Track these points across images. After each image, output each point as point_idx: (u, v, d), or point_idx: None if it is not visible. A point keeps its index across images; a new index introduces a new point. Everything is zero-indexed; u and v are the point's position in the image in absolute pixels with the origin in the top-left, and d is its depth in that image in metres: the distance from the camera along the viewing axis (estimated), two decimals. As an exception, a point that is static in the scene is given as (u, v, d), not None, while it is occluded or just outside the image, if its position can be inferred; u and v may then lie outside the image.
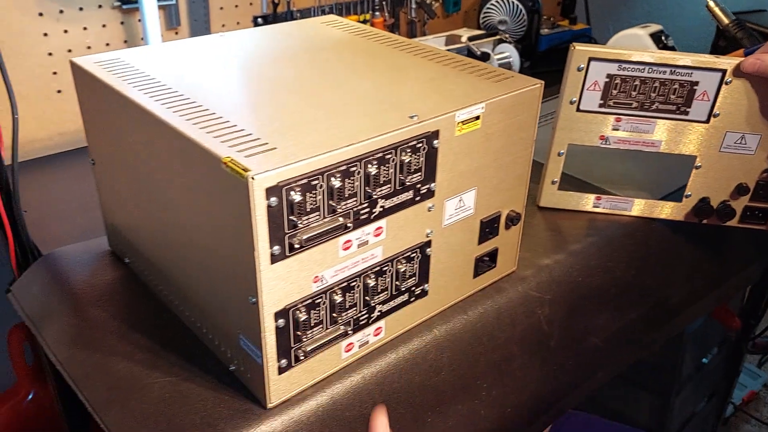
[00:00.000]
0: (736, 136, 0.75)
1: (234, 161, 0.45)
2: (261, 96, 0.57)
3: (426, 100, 0.56)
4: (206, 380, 0.57)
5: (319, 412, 0.56)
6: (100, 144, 0.65)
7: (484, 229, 0.64)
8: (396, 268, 0.57)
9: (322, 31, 0.75)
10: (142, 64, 0.62)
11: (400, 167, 0.53)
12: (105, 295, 0.67)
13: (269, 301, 0.49)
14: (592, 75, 0.74)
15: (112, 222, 0.69)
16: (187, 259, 0.56)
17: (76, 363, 0.59)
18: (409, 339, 0.62)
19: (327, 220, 0.50)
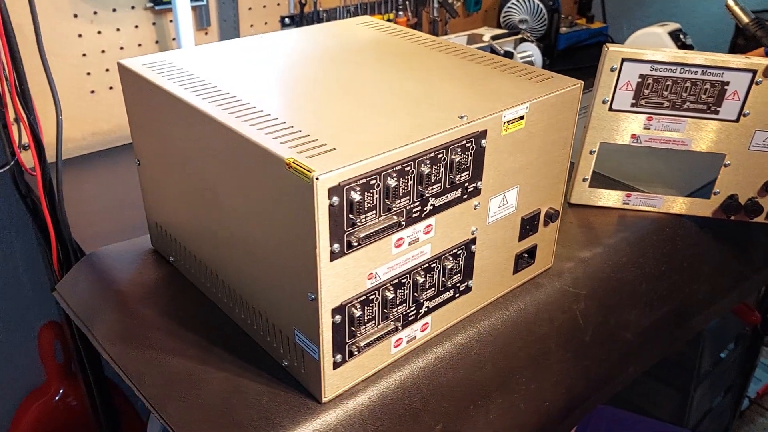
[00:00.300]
0: (765, 135, 0.76)
1: (297, 162, 0.46)
2: (310, 97, 0.58)
3: (472, 101, 0.58)
4: (260, 375, 0.58)
5: (371, 406, 0.57)
6: (147, 145, 0.66)
7: (525, 226, 0.65)
8: (443, 264, 0.59)
9: (359, 32, 0.77)
10: (190, 66, 0.63)
11: (449, 166, 0.54)
12: (151, 293, 0.68)
13: (327, 297, 0.50)
14: (624, 75, 0.75)
15: (157, 221, 0.71)
16: (242, 258, 0.57)
17: (130, 359, 0.60)
18: (453, 334, 0.64)
19: (382, 219, 0.51)
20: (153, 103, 0.61)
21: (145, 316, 0.65)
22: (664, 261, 0.82)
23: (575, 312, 0.73)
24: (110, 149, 0.99)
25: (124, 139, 1.00)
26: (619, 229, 0.82)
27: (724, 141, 0.78)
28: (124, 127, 1.00)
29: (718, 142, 0.78)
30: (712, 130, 0.77)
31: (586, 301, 0.74)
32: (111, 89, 0.96)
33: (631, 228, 0.82)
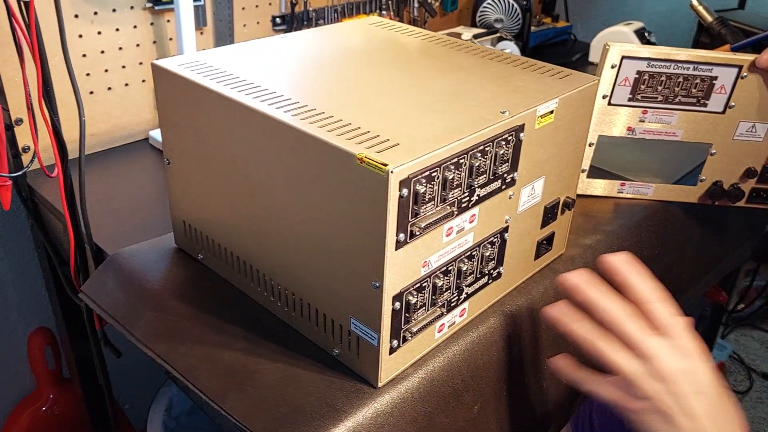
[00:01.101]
0: (748, 125, 0.83)
1: (369, 157, 0.49)
2: (358, 95, 0.60)
3: (507, 97, 0.61)
4: (311, 364, 0.60)
5: (420, 389, 0.60)
6: (181, 145, 0.66)
7: (547, 214, 0.69)
8: (481, 252, 0.62)
9: (375, 32, 0.79)
10: (227, 66, 0.64)
11: (494, 158, 0.57)
12: (185, 290, 0.69)
13: (389, 285, 0.53)
14: (623, 71, 0.81)
15: (185, 220, 0.71)
16: (295, 252, 0.59)
17: (179, 355, 0.61)
18: (486, 318, 0.67)
19: (439, 209, 0.54)
20: (195, 103, 0.62)
21: (184, 312, 0.66)
22: (658, 245, 0.88)
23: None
24: (108, 150, 0.98)
25: (122, 140, 0.99)
26: (617, 216, 0.87)
27: (711, 131, 0.84)
28: (122, 128, 0.99)
29: (705, 132, 0.84)
30: (700, 122, 0.84)
31: (596, 284, 0.78)
32: (109, 90, 0.95)
33: (627, 215, 0.88)
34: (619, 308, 0.56)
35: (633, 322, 0.55)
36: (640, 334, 0.54)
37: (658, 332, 0.55)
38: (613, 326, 0.55)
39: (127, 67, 0.96)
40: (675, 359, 0.53)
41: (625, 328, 0.55)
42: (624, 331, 0.55)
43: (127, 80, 0.97)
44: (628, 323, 0.55)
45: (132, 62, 0.96)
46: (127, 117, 0.98)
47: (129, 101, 0.98)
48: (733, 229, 1.05)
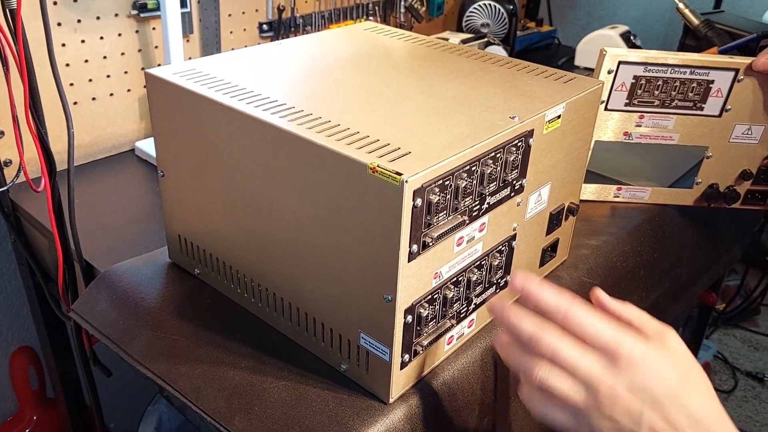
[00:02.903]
0: (743, 128, 0.83)
1: (382, 167, 0.47)
2: (364, 103, 0.59)
3: (515, 102, 0.60)
4: (319, 381, 0.58)
5: (432, 403, 0.58)
6: (177, 156, 0.64)
7: (552, 221, 0.68)
8: (490, 261, 0.61)
9: (372, 37, 0.77)
10: (223, 74, 0.62)
11: (504, 165, 0.56)
12: (183, 307, 0.66)
13: (402, 298, 0.51)
14: (620, 77, 0.80)
15: (181, 234, 0.69)
16: (301, 265, 0.57)
17: (180, 375, 0.58)
18: (494, 328, 0.66)
19: (450, 218, 0.53)
20: (193, 113, 0.59)
21: (183, 330, 0.63)
22: (656, 248, 0.88)
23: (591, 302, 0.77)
24: (93, 162, 0.95)
25: (106, 152, 0.96)
26: (615, 220, 0.87)
27: (707, 135, 0.84)
28: (106, 139, 0.96)
29: (701, 135, 0.84)
30: (696, 125, 0.83)
31: (598, 290, 0.78)
32: (94, 100, 0.92)
33: (625, 219, 0.87)
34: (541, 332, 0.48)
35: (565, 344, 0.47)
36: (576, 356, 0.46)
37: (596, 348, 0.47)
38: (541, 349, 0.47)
39: (111, 77, 0.93)
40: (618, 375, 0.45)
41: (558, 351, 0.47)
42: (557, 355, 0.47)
43: (112, 90, 0.94)
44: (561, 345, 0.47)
45: (117, 71, 0.93)
46: (112, 128, 0.95)
47: (114, 111, 0.95)
48: (726, 231, 1.05)
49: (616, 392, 0.45)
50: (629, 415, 0.44)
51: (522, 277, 0.51)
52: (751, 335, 2.08)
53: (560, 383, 0.46)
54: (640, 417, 0.44)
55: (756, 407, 1.81)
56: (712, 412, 0.45)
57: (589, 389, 0.45)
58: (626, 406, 0.44)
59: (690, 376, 0.46)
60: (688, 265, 0.96)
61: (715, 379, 1.90)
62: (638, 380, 0.45)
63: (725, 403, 1.82)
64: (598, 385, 0.45)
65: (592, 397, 0.45)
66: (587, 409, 0.45)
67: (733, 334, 2.09)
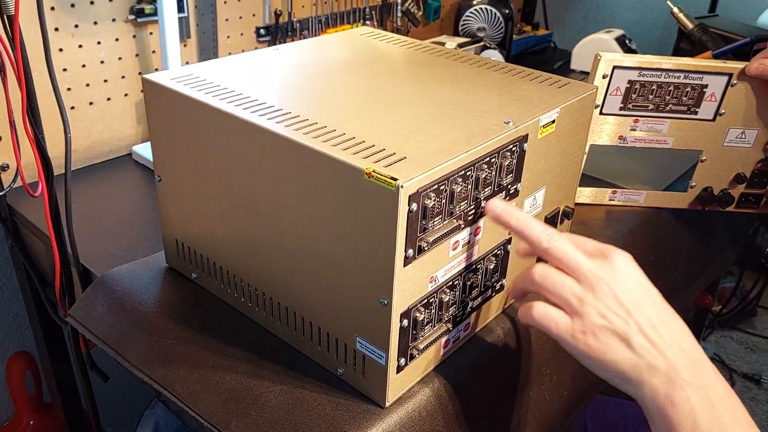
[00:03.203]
0: (737, 132, 0.84)
1: (377, 172, 0.47)
2: (355, 106, 0.59)
3: (510, 107, 0.60)
4: (316, 386, 0.58)
5: (428, 407, 0.58)
6: (174, 161, 0.64)
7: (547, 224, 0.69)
8: (486, 265, 0.61)
9: (369, 42, 0.78)
10: (220, 80, 0.63)
11: (499, 169, 0.57)
12: (180, 311, 0.67)
13: (398, 302, 0.51)
14: (615, 81, 0.81)
15: (178, 238, 0.69)
16: (298, 269, 0.57)
17: (178, 380, 0.59)
18: (490, 331, 0.66)
19: (446, 223, 0.53)
20: (190, 119, 0.60)
21: (180, 335, 0.64)
22: (651, 251, 0.88)
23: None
24: (90, 167, 0.95)
25: (103, 156, 0.96)
26: (610, 223, 0.87)
27: (702, 139, 0.85)
28: (103, 144, 0.96)
29: (696, 139, 0.85)
30: (691, 129, 0.84)
31: (594, 293, 0.78)
32: (91, 104, 0.92)
33: (620, 222, 0.88)
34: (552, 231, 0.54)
35: (568, 245, 0.53)
36: (578, 254, 0.52)
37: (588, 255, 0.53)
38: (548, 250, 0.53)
39: (109, 81, 0.93)
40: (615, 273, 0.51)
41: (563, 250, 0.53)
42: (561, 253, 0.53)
43: (109, 94, 0.94)
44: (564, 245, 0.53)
45: (114, 76, 0.93)
46: (109, 132, 0.96)
47: (111, 116, 0.95)
48: (720, 234, 1.06)
49: (611, 288, 0.50)
50: (620, 309, 0.50)
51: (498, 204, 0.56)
52: (748, 337, 2.09)
53: (564, 278, 0.52)
54: (628, 312, 0.50)
55: (752, 409, 1.81)
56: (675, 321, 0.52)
57: (587, 285, 0.51)
58: (617, 298, 0.50)
59: None
60: (683, 268, 0.97)
61: (712, 381, 1.90)
62: (626, 280, 0.51)
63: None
64: (597, 281, 0.51)
65: (589, 292, 0.51)
66: (583, 306, 0.51)
67: (730, 336, 2.10)
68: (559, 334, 0.52)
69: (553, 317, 0.53)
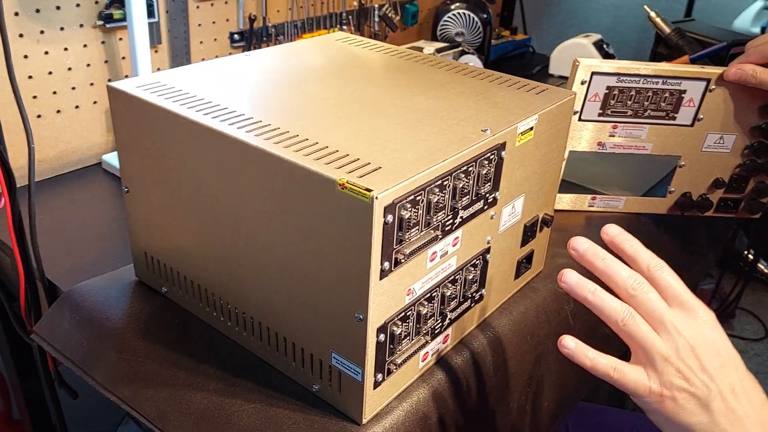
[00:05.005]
0: (715, 137, 0.84)
1: (351, 182, 0.46)
2: (329, 114, 0.57)
3: (486, 114, 0.59)
4: (290, 403, 0.56)
5: (407, 422, 0.57)
6: (142, 172, 0.62)
7: (526, 232, 0.68)
8: (465, 275, 0.60)
9: (344, 48, 0.76)
10: (189, 87, 0.61)
11: (477, 178, 0.55)
12: (149, 327, 0.64)
13: (373, 316, 0.50)
14: (593, 87, 0.80)
15: (147, 251, 0.67)
16: (270, 283, 0.55)
17: (146, 400, 0.56)
18: (469, 342, 0.65)
19: (423, 234, 0.51)
20: (157, 128, 0.58)
21: (150, 352, 0.61)
22: (631, 258, 0.88)
23: (567, 312, 0.76)
24: (58, 177, 0.92)
25: (72, 166, 0.93)
26: (590, 230, 0.86)
27: (680, 144, 0.84)
28: (71, 153, 0.93)
29: (674, 145, 0.84)
30: (669, 135, 0.84)
31: (574, 302, 0.77)
32: (58, 113, 0.89)
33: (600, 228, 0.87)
34: (639, 278, 0.51)
35: (654, 294, 0.50)
36: (663, 306, 0.49)
37: (675, 305, 0.50)
38: (634, 298, 0.50)
39: (77, 89, 0.90)
40: (693, 327, 0.48)
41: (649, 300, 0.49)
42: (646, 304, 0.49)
43: (78, 102, 0.91)
44: (651, 294, 0.50)
45: (82, 83, 0.91)
46: (77, 141, 0.93)
47: (79, 124, 0.92)
48: (700, 239, 1.05)
49: (694, 338, 0.48)
50: (703, 373, 0.47)
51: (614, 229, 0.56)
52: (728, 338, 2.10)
53: (645, 328, 0.49)
54: (711, 377, 0.47)
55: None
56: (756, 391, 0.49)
57: (669, 341, 0.48)
58: (699, 359, 0.47)
59: None
60: (664, 274, 0.96)
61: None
62: (710, 336, 0.48)
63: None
64: (679, 339, 0.48)
65: (671, 349, 0.48)
66: (664, 364, 0.48)
67: (709, 338, 2.11)
68: (636, 389, 0.49)
69: (628, 372, 0.50)
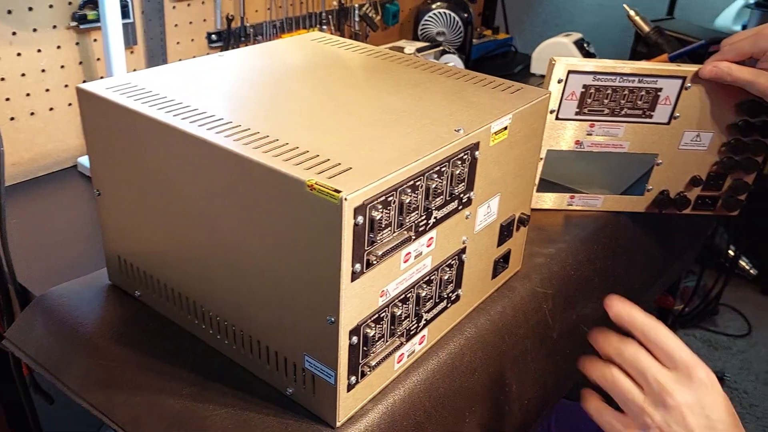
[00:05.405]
0: (692, 135, 0.84)
1: (320, 184, 0.45)
2: (305, 116, 0.57)
3: (461, 114, 0.59)
4: (264, 406, 0.56)
5: (382, 424, 0.56)
6: (113, 175, 0.61)
7: (503, 232, 0.68)
8: (440, 275, 0.60)
9: (319, 48, 0.76)
10: (160, 88, 0.60)
11: (450, 178, 0.55)
12: (123, 331, 0.63)
13: (346, 319, 0.49)
14: (570, 86, 0.80)
15: (120, 255, 0.66)
16: (242, 286, 0.55)
17: (118, 405, 0.56)
18: (446, 343, 0.64)
19: (396, 235, 0.51)
20: (127, 130, 0.57)
21: (123, 357, 0.60)
22: (610, 256, 0.88)
23: (545, 311, 0.76)
24: (33, 180, 0.91)
25: (47, 168, 0.92)
26: (569, 229, 0.86)
27: (657, 142, 0.84)
28: (47, 156, 0.92)
29: (651, 143, 0.85)
30: (646, 133, 0.84)
31: (553, 300, 0.77)
32: (32, 115, 0.88)
33: (579, 227, 0.87)
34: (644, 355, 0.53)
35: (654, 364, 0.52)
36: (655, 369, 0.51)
37: (670, 365, 0.51)
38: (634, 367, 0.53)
39: (51, 91, 0.89)
40: (686, 391, 0.50)
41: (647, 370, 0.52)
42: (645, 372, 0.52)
43: (52, 104, 0.90)
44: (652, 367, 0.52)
45: (56, 85, 0.90)
46: (52, 144, 0.92)
47: (54, 127, 0.91)
48: (679, 237, 1.06)
49: (687, 406, 0.49)
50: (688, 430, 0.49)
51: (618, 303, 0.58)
52: (711, 335, 2.11)
53: (630, 387, 0.51)
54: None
55: (716, 407, 1.83)
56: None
57: (658, 399, 0.50)
58: (690, 423, 0.49)
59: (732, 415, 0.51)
60: (642, 272, 0.97)
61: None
62: (706, 402, 0.49)
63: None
64: (669, 397, 0.49)
65: (660, 408, 0.50)
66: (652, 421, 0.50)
67: (693, 335, 2.12)
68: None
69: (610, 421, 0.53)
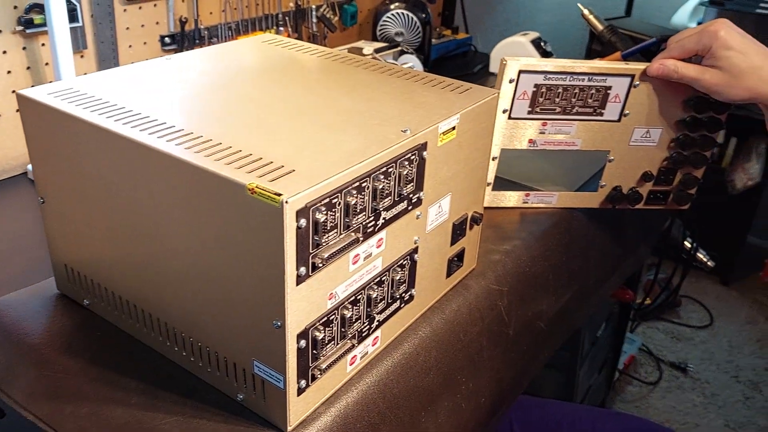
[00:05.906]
0: (642, 131, 0.86)
1: (261, 187, 0.45)
2: (250, 119, 0.57)
3: (409, 115, 0.59)
4: (215, 414, 0.55)
5: (334, 428, 0.56)
6: (56, 182, 0.60)
7: (456, 231, 0.68)
8: (392, 276, 0.60)
9: (269, 50, 0.75)
10: (103, 93, 0.59)
11: (398, 179, 0.55)
12: (71, 341, 0.62)
13: (292, 323, 0.49)
14: (521, 86, 0.81)
15: (67, 263, 0.65)
16: (188, 293, 0.54)
17: (65, 417, 0.55)
18: (400, 344, 0.64)
19: (342, 236, 0.51)
20: (67, 136, 0.56)
21: (71, 367, 0.59)
22: (564, 252, 0.89)
23: (500, 308, 0.77)
24: (-20, 188, 0.89)
25: (-5, 176, 0.90)
26: (524, 226, 0.87)
27: (608, 139, 0.86)
28: (-5, 162, 0.90)
29: (603, 140, 0.86)
30: (597, 131, 0.85)
31: (508, 297, 0.78)
32: (-22, 121, 0.86)
33: (534, 224, 0.88)
34: None
35: None
36: None
37: None
38: None
39: (-3, 96, 0.87)
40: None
41: None
42: None
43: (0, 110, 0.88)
44: None
45: (3, 91, 0.88)
46: (1, 150, 0.90)
47: (2, 133, 0.89)
48: (633, 231, 1.08)
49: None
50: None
51: None
52: (674, 327, 2.16)
53: None
54: None
55: (679, 397, 1.87)
56: None
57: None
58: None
59: None
60: (596, 267, 0.98)
61: (641, 371, 1.96)
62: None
63: (651, 395, 1.87)
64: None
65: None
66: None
67: (656, 327, 2.17)
68: None
69: None
